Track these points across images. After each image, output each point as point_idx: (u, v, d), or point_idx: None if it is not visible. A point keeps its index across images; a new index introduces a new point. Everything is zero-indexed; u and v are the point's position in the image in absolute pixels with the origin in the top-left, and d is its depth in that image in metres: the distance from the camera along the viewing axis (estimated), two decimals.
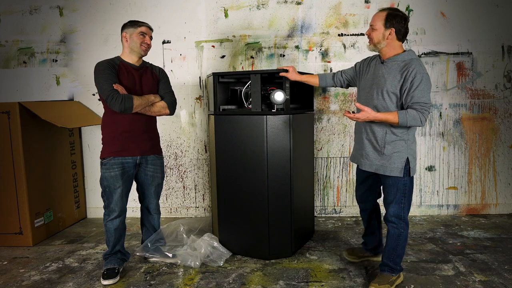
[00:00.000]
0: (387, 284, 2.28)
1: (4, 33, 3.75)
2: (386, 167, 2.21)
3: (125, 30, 2.52)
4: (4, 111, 3.00)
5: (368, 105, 2.21)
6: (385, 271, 2.34)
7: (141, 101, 2.44)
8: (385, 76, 2.18)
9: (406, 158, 2.19)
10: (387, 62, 2.20)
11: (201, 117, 3.75)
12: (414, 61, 2.12)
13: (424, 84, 2.07)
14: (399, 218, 2.25)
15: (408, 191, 2.24)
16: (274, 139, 2.67)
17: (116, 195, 2.51)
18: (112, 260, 2.56)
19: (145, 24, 2.54)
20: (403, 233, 2.26)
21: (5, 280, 2.55)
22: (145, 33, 2.52)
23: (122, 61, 2.53)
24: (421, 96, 2.07)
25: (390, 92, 2.15)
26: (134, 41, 2.50)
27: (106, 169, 2.49)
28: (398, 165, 2.18)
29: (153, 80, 2.61)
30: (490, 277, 2.44)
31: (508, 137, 3.67)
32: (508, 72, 3.61)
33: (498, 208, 3.73)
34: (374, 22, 2.19)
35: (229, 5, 3.62)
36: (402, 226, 2.26)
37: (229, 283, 2.44)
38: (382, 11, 2.19)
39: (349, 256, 2.71)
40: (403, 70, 2.11)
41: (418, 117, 2.07)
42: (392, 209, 2.26)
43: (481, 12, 3.56)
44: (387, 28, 2.15)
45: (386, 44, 2.18)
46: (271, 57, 3.66)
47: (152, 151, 2.64)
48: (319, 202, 3.78)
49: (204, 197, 3.82)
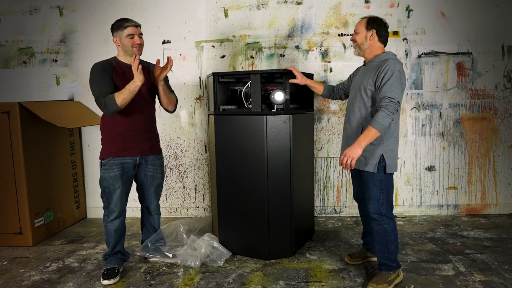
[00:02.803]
0: (385, 284, 2.28)
1: (4, 33, 3.75)
2: (361, 162, 2.29)
3: (114, 34, 2.48)
4: (4, 111, 3.00)
5: (352, 107, 2.37)
6: (382, 270, 2.34)
7: (122, 95, 2.32)
8: (365, 76, 2.33)
9: (380, 154, 2.24)
10: (367, 64, 2.38)
11: (201, 117, 3.75)
12: (390, 60, 2.23)
13: (394, 80, 2.15)
14: (380, 214, 2.28)
15: (385, 187, 2.27)
16: (274, 139, 2.67)
17: (116, 196, 2.50)
18: (112, 260, 2.56)
19: (130, 24, 2.44)
20: (388, 228, 2.28)
21: (5, 280, 2.55)
22: (133, 33, 2.45)
23: (118, 62, 2.51)
24: (388, 90, 2.14)
25: (367, 90, 2.28)
26: (125, 45, 2.46)
27: (105, 169, 2.48)
28: (372, 160, 2.25)
29: (150, 78, 2.58)
30: (490, 277, 2.44)
31: (508, 137, 3.67)
32: (508, 72, 3.61)
33: (498, 208, 3.73)
34: (357, 27, 2.38)
35: (229, 5, 3.63)
36: (385, 221, 2.28)
37: (229, 283, 2.44)
38: (363, 18, 2.39)
39: (351, 260, 2.68)
40: (378, 67, 2.23)
41: (385, 114, 2.11)
42: (372, 206, 2.29)
43: (481, 12, 3.56)
44: (368, 30, 2.33)
45: (368, 46, 2.34)
46: (271, 57, 3.66)
47: (152, 151, 2.63)
48: (319, 202, 3.78)
49: (204, 197, 3.82)
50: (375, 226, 2.31)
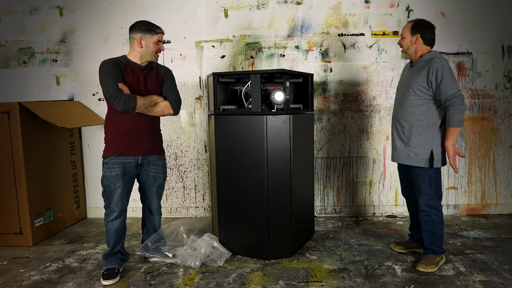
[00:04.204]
0: (432, 265, 2.51)
1: (4, 33, 3.75)
2: (413, 158, 2.45)
3: (140, 35, 2.46)
4: (4, 111, 3.00)
5: (399, 105, 2.53)
6: (429, 253, 2.55)
7: (144, 101, 2.43)
8: (413, 76, 2.47)
9: (430, 150, 2.42)
10: (414, 65, 2.51)
11: (201, 117, 3.75)
12: (435, 58, 2.37)
13: (446, 77, 2.32)
14: (429, 206, 2.48)
15: (434, 181, 2.45)
16: (274, 139, 2.67)
17: (116, 195, 2.50)
18: (112, 260, 2.56)
19: (162, 31, 2.52)
20: (436, 219, 2.48)
21: (5, 280, 2.55)
22: (161, 40, 2.52)
23: (128, 61, 2.51)
24: (446, 89, 2.31)
25: (415, 89, 2.41)
26: (149, 49, 2.48)
27: (107, 168, 2.49)
28: (423, 156, 2.42)
29: (158, 80, 2.60)
30: (490, 277, 2.44)
31: (508, 137, 3.67)
32: (508, 72, 3.61)
33: (498, 208, 3.73)
34: (403, 32, 2.52)
35: (229, 5, 3.63)
36: (434, 212, 2.48)
37: (229, 283, 2.44)
38: (409, 22, 2.52)
39: (396, 247, 2.86)
40: (426, 67, 2.38)
41: (454, 111, 2.30)
42: (422, 200, 2.49)
43: (481, 12, 3.56)
44: (413, 35, 2.46)
45: (414, 50, 2.49)
46: (271, 57, 3.66)
47: (154, 151, 2.63)
48: (319, 202, 3.78)
49: (204, 197, 3.82)
50: (424, 217, 2.51)
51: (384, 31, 3.60)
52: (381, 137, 3.69)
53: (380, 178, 3.74)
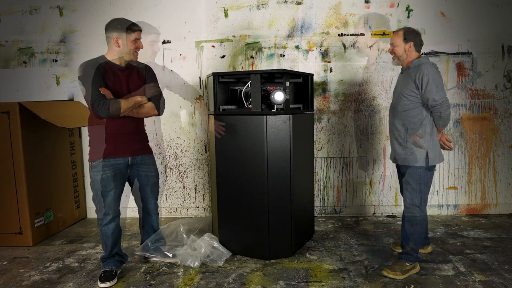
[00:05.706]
0: (399, 272, 2.45)
1: (4, 33, 3.75)
2: (410, 159, 2.50)
3: (116, 34, 2.38)
4: (4, 111, 3.00)
5: (395, 109, 2.60)
6: (401, 259, 2.52)
7: (128, 105, 2.37)
8: (403, 82, 2.56)
9: (426, 150, 2.47)
10: (405, 71, 2.58)
11: (201, 117, 3.75)
12: (423, 65, 2.43)
13: (431, 84, 2.37)
14: (414, 205, 2.51)
15: (423, 183, 2.49)
16: (274, 139, 2.67)
17: (109, 198, 2.46)
18: (109, 262, 2.54)
19: (139, 28, 2.44)
20: (417, 218, 2.50)
21: (5, 280, 2.55)
22: (139, 38, 2.44)
23: (108, 62, 2.43)
24: (431, 95, 2.37)
25: (406, 94, 2.49)
26: (126, 47, 2.41)
27: (96, 171, 2.44)
28: (420, 156, 2.47)
29: (140, 80, 2.54)
30: (490, 277, 2.44)
31: (508, 137, 3.67)
32: (508, 72, 3.61)
33: (498, 208, 3.73)
34: (394, 40, 2.56)
35: (229, 5, 3.63)
36: (417, 211, 2.50)
37: (229, 283, 2.44)
38: (398, 31, 2.57)
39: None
40: (414, 73, 2.45)
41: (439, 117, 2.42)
42: (407, 198, 2.53)
43: (481, 12, 3.56)
44: (406, 42, 2.51)
45: (406, 56, 2.55)
46: (271, 57, 3.66)
47: (143, 151, 2.61)
48: (319, 202, 3.78)
49: (204, 197, 3.82)
50: (406, 214, 2.54)
51: (384, 31, 3.60)
52: (381, 137, 3.69)
53: (380, 178, 3.74)
